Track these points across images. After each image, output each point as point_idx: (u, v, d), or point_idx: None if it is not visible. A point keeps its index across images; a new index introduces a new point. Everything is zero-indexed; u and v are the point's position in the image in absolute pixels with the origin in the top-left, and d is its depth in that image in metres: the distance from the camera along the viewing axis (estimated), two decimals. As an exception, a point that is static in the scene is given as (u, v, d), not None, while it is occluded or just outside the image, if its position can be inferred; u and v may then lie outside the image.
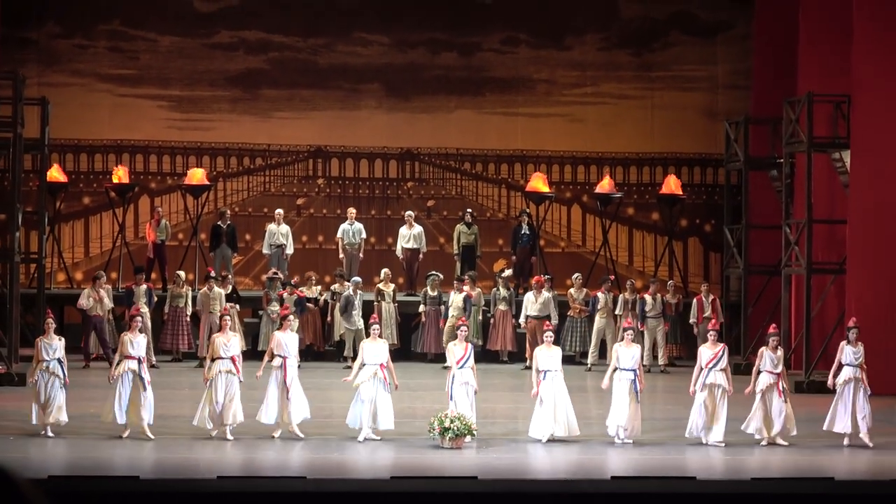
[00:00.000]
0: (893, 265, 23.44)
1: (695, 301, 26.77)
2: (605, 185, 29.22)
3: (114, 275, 28.05)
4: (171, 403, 19.58)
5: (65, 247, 29.67)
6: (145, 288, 25.55)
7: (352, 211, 28.42)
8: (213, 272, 25.83)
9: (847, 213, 24.54)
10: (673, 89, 31.27)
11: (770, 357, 18.34)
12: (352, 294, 25.68)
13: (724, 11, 31.41)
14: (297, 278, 26.70)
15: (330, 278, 27.36)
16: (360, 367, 18.26)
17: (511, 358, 26.43)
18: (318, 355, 25.85)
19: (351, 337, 25.53)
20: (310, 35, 31.04)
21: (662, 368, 26.19)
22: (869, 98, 23.86)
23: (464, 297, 25.84)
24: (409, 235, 27.97)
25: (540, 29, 31.24)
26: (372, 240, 29.81)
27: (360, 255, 27.87)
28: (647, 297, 26.56)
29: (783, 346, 18.64)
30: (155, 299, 25.54)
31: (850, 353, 18.44)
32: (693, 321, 26.53)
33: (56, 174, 28.04)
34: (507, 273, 27.15)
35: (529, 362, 25.27)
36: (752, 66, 29.88)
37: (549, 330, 18.99)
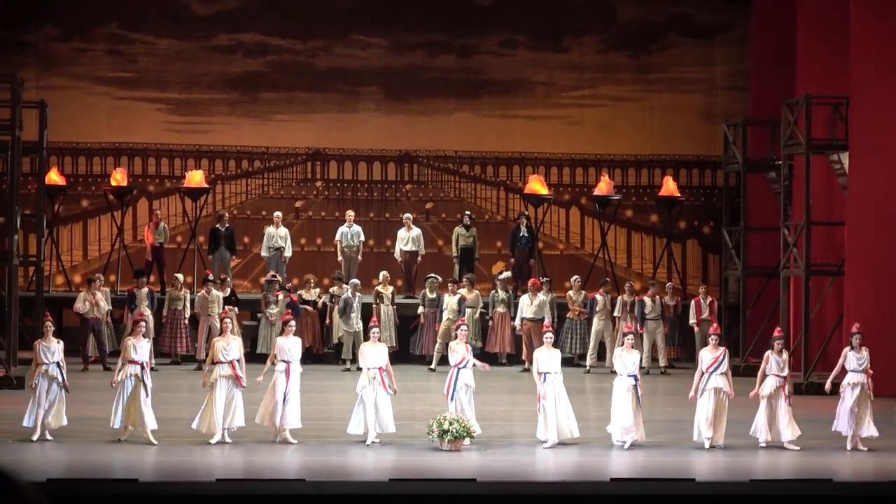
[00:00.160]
0: (892, 267, 23.42)
1: (693, 303, 26.79)
2: (603, 187, 29.19)
3: (112, 278, 28.07)
4: (170, 406, 19.55)
5: (63, 250, 29.66)
6: (147, 291, 25.58)
7: (350, 213, 28.42)
8: (211, 275, 25.85)
9: (845, 214, 24.53)
10: (671, 91, 31.27)
11: (776, 360, 18.21)
12: (350, 296, 25.69)
13: (722, 13, 31.40)
14: (292, 282, 26.58)
15: (328, 281, 27.34)
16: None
17: (510, 360, 26.46)
18: (317, 358, 25.84)
19: (349, 339, 25.55)
20: (308, 38, 31.03)
21: (662, 370, 26.19)
22: (867, 100, 23.83)
23: (458, 299, 25.84)
24: (408, 238, 27.97)
25: (538, 31, 31.23)
26: (370, 242, 29.81)
27: (359, 257, 27.86)
28: (646, 299, 26.56)
29: (771, 346, 18.55)
30: (157, 302, 25.61)
31: (854, 358, 18.23)
32: (693, 322, 26.55)
33: (54, 177, 28.06)
34: (506, 275, 27.15)
35: (528, 364, 25.38)
36: (751, 68, 29.86)
37: (549, 331, 18.96)
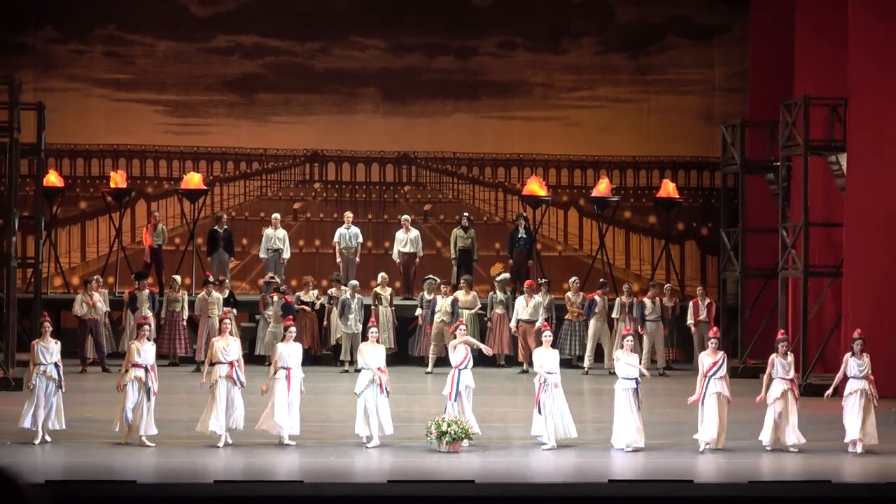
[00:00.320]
0: (890, 268, 23.41)
1: (691, 304, 26.79)
2: (601, 188, 29.18)
3: (111, 279, 28.06)
4: (168, 408, 19.53)
5: (61, 251, 29.66)
6: (148, 293, 25.59)
7: (348, 215, 28.41)
8: (211, 277, 25.87)
9: (844, 216, 24.52)
10: (669, 92, 31.27)
11: (781, 364, 18.10)
12: (349, 298, 25.69)
13: (721, 14, 31.40)
14: (285, 284, 26.56)
15: (327, 282, 27.34)
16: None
17: (508, 361, 26.45)
18: (316, 359, 25.83)
19: (348, 341, 25.54)
20: (306, 39, 31.02)
21: (660, 372, 26.18)
22: (865, 101, 23.82)
23: (451, 300, 25.84)
24: (406, 239, 27.97)
25: (536, 33, 31.22)
26: (369, 244, 29.80)
27: (357, 259, 27.86)
28: (646, 300, 26.55)
29: (776, 349, 18.51)
30: (157, 304, 25.63)
31: (855, 365, 18.11)
32: (690, 323, 26.55)
33: (53, 179, 28.06)
34: (504, 276, 27.14)
35: (525, 366, 25.39)
36: (749, 69, 29.87)
37: (548, 331, 18.95)
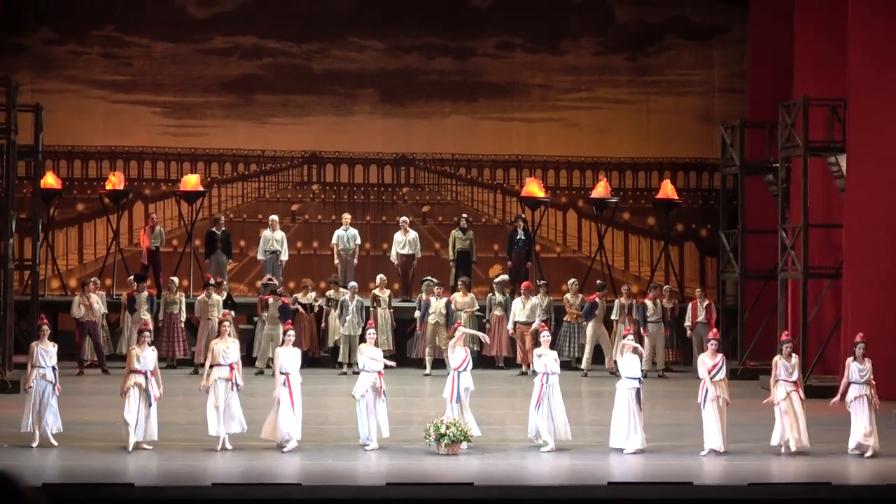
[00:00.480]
0: (890, 269, 23.37)
1: (689, 305, 26.74)
2: (600, 189, 29.15)
3: (108, 281, 28.00)
4: (166, 410, 19.42)
5: (59, 253, 29.60)
6: (146, 295, 25.52)
7: (347, 217, 28.36)
8: (211, 280, 25.81)
9: (843, 217, 24.48)
10: (668, 93, 31.22)
11: (784, 366, 17.99)
12: (347, 300, 25.64)
13: (720, 15, 31.36)
14: (281, 287, 26.49)
15: (325, 284, 27.27)
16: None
17: (507, 363, 26.41)
18: (314, 361, 25.77)
19: (346, 343, 25.49)
20: (304, 40, 30.97)
21: (660, 374, 26.12)
22: (865, 101, 23.78)
23: (445, 302, 25.80)
24: (405, 241, 27.92)
25: (535, 33, 31.18)
26: (367, 245, 29.72)
27: (355, 260, 27.80)
28: (647, 302, 26.50)
29: (780, 351, 18.45)
30: (156, 306, 25.58)
31: (857, 370, 18.00)
32: (687, 325, 26.51)
33: (50, 181, 28.00)
34: (503, 278, 27.09)
35: (523, 367, 25.37)
36: (748, 70, 29.84)
37: (546, 331, 18.90)
